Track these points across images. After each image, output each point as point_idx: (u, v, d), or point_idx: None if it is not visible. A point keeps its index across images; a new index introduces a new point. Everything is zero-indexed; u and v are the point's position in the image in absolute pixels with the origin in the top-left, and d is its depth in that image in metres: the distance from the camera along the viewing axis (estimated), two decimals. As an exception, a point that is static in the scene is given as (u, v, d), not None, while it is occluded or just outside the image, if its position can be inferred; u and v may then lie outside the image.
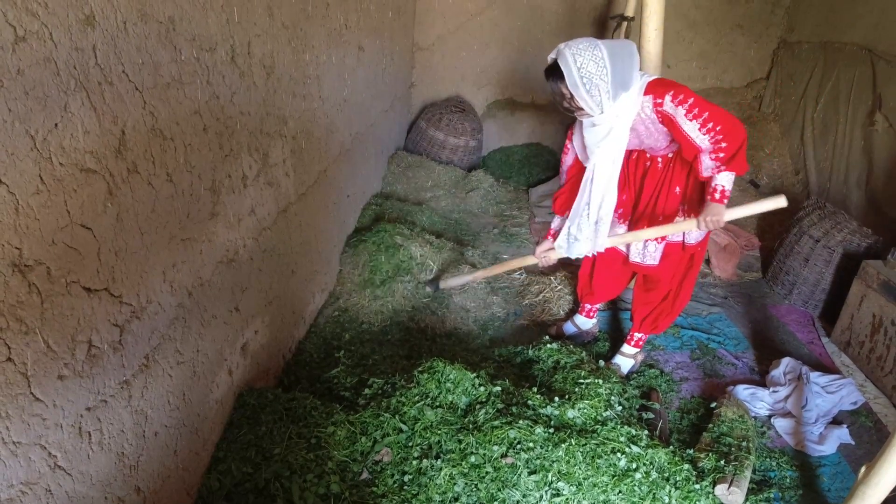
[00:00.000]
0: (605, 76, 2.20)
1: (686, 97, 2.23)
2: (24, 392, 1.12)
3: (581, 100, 2.26)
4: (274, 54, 2.14)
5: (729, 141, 2.26)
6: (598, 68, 2.19)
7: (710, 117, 2.23)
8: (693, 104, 2.23)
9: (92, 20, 1.17)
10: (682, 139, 2.31)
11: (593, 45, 2.19)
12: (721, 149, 2.28)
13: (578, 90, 2.22)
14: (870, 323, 3.12)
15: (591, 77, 2.19)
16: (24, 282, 1.09)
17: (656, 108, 2.30)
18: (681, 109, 2.24)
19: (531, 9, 5.29)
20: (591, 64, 2.18)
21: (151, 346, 1.55)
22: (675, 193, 2.61)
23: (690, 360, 3.18)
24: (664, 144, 2.49)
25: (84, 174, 1.21)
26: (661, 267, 2.75)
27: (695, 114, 2.23)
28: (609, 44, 2.22)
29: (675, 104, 2.25)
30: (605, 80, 2.20)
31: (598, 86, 2.21)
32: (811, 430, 2.68)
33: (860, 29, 4.41)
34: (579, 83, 2.20)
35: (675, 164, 2.57)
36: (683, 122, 2.26)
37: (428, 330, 3.20)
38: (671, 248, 2.71)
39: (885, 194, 3.96)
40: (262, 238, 2.23)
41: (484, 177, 5.05)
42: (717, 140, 2.26)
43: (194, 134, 1.64)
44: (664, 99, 2.26)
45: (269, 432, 2.05)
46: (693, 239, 2.65)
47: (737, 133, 2.26)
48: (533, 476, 1.98)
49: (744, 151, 2.31)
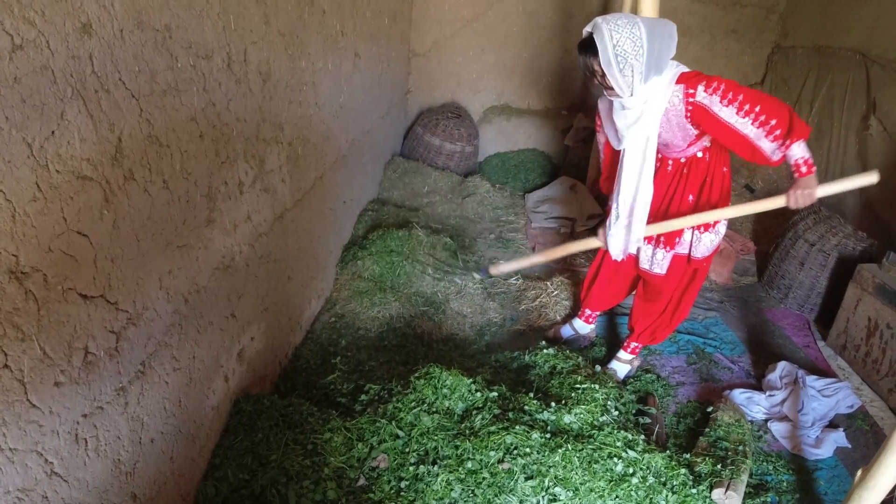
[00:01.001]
0: (641, 56, 2.09)
1: (719, 84, 2.14)
2: (20, 399, 1.12)
3: (612, 79, 2.15)
4: (270, 61, 2.15)
5: (776, 116, 2.14)
6: (634, 47, 2.08)
7: (745, 99, 2.12)
8: (727, 89, 2.13)
9: (88, 28, 1.18)
10: (726, 133, 2.20)
11: (632, 23, 2.09)
12: (773, 126, 2.15)
13: (611, 68, 2.12)
14: (865, 326, 3.13)
15: (626, 56, 2.09)
16: (20, 289, 1.09)
17: (687, 100, 2.20)
18: (716, 97, 2.14)
19: (527, 15, 5.30)
20: (627, 42, 2.07)
21: (147, 353, 1.55)
22: (687, 201, 2.54)
23: (687, 365, 3.19)
24: (682, 144, 2.40)
25: (80, 181, 1.21)
26: (666, 277, 2.71)
27: (730, 98, 2.13)
28: (649, 22, 2.12)
29: (708, 93, 2.15)
30: (640, 60, 2.10)
31: (632, 66, 2.11)
32: (808, 434, 2.68)
33: (854, 33, 4.44)
34: (613, 61, 2.10)
35: (689, 170, 2.50)
36: (720, 109, 2.15)
37: (424, 336, 3.20)
38: (677, 260, 2.66)
39: (879, 198, 3.98)
40: (259, 244, 2.24)
41: (480, 182, 5.05)
42: (762, 122, 2.14)
43: (190, 141, 1.65)
44: (696, 89, 2.17)
45: (265, 439, 2.05)
46: (700, 253, 2.60)
47: (779, 107, 2.15)
48: (530, 481, 1.98)
49: (797, 118, 2.16)
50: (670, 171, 2.55)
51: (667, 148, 2.48)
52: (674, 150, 2.46)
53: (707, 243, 2.57)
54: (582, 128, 5.32)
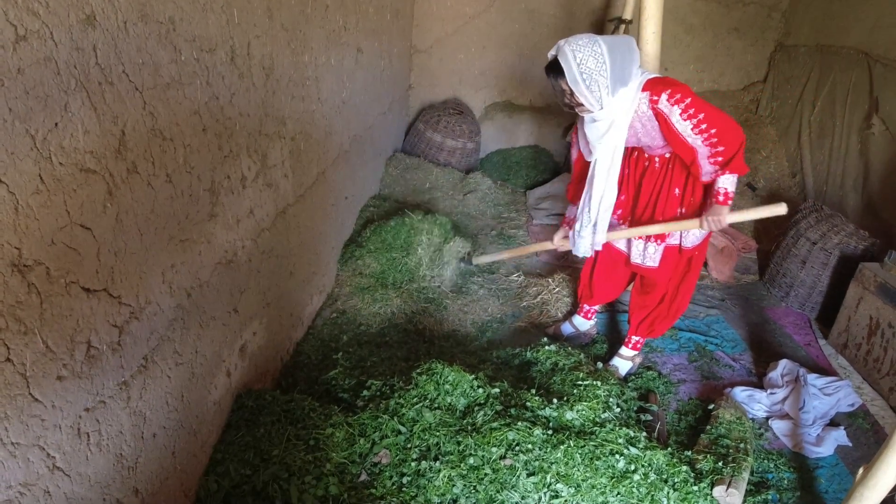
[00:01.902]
0: (605, 72, 2.21)
1: (683, 97, 2.23)
2: (22, 393, 1.12)
3: (581, 96, 2.27)
4: (273, 56, 2.14)
5: (726, 144, 2.27)
6: (597, 64, 2.20)
7: (705, 118, 2.23)
8: (689, 104, 2.23)
9: (92, 20, 1.17)
10: (675, 140, 2.33)
11: (592, 41, 2.21)
12: (718, 152, 2.29)
13: (578, 86, 2.24)
14: (867, 325, 3.13)
15: (590, 73, 2.21)
16: (23, 282, 1.08)
17: (652, 105, 2.30)
18: (676, 109, 2.25)
19: (528, 12, 5.29)
20: (590, 60, 2.19)
21: (150, 347, 1.55)
22: (674, 195, 2.61)
23: (688, 363, 3.18)
24: (661, 143, 2.49)
25: (84, 174, 1.20)
26: (660, 269, 2.75)
27: (690, 114, 2.24)
28: (608, 39, 2.24)
29: (670, 103, 2.25)
30: (604, 75, 2.21)
31: (597, 81, 2.22)
32: (808, 432, 2.68)
33: (857, 32, 4.43)
34: (579, 79, 2.22)
35: (674, 165, 2.57)
36: (678, 121, 2.26)
37: (426, 332, 3.20)
38: (669, 251, 2.71)
39: (881, 197, 3.98)
40: (261, 239, 2.23)
41: (482, 179, 5.05)
42: (712, 143, 2.27)
43: (194, 135, 1.64)
44: (660, 97, 2.27)
45: (267, 434, 2.04)
46: (690, 242, 2.65)
47: (733, 135, 2.27)
48: (531, 478, 1.98)
49: (742, 154, 2.31)
50: (658, 167, 2.62)
51: (650, 148, 2.57)
52: (657, 148, 2.54)
53: (696, 233, 2.63)
54: (583, 125, 5.30)
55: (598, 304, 3.22)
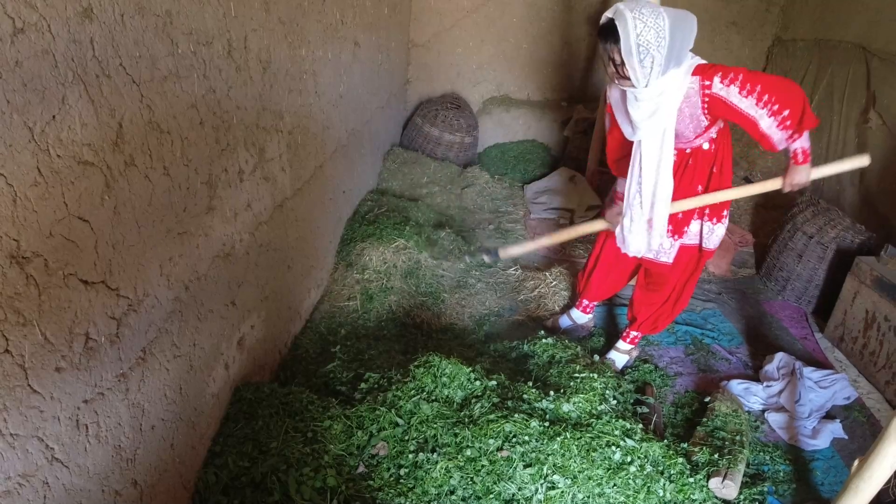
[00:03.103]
0: (663, 48, 2.06)
1: (736, 75, 2.13)
2: (21, 384, 1.12)
3: (631, 69, 2.11)
4: (270, 49, 2.14)
5: (790, 106, 2.14)
6: (657, 38, 2.04)
7: (763, 89, 2.11)
8: (744, 80, 2.12)
9: (90, 13, 1.17)
10: (741, 119, 2.20)
11: (656, 13, 2.04)
12: (785, 117, 2.16)
13: (632, 58, 2.07)
14: (863, 319, 3.15)
15: (647, 46, 2.05)
16: (21, 274, 1.09)
17: (703, 91, 2.19)
18: (733, 88, 2.13)
19: (527, 6, 5.29)
20: (651, 32, 2.03)
21: (148, 340, 1.55)
22: (696, 192, 2.53)
23: (685, 356, 3.20)
24: (690, 136, 2.39)
25: (82, 166, 1.21)
26: (673, 266, 2.70)
27: (748, 90, 2.12)
28: (672, 12, 2.08)
29: (725, 84, 2.14)
30: (661, 52, 2.06)
31: (653, 57, 2.07)
32: (804, 425, 2.70)
33: (855, 27, 4.43)
34: (634, 51, 2.06)
35: (695, 161, 2.49)
36: (739, 100, 2.14)
37: (424, 325, 3.21)
38: (685, 250, 2.67)
39: (878, 191, 3.98)
40: (259, 233, 2.24)
41: (479, 173, 5.05)
42: (775, 111, 2.14)
43: (191, 128, 1.64)
44: (713, 81, 2.15)
45: (265, 426, 2.05)
46: (712, 244, 2.61)
47: (794, 97, 2.15)
48: (528, 469, 1.99)
49: (808, 108, 2.17)
50: (675, 161, 2.51)
51: (677, 138, 2.43)
52: (681, 140, 2.44)
53: (719, 234, 2.61)
54: (581, 119, 5.31)
55: (597, 300, 3.20)
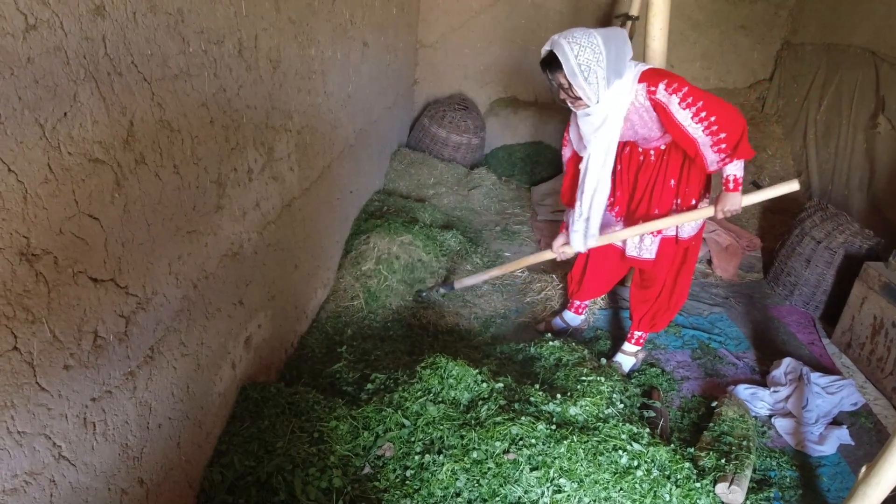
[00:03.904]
0: (602, 62, 2.19)
1: (680, 86, 2.21)
2: (29, 381, 1.12)
3: (579, 88, 2.24)
4: (280, 49, 2.14)
5: (728, 130, 2.23)
6: (594, 55, 2.18)
7: (704, 106, 2.21)
8: (687, 93, 2.21)
9: (102, 10, 1.17)
10: (677, 131, 2.30)
11: (587, 33, 2.19)
12: (721, 139, 2.26)
13: (577, 78, 2.21)
14: (870, 325, 3.13)
15: (588, 64, 2.19)
16: (31, 271, 1.09)
17: (650, 96, 2.28)
18: (675, 98, 2.22)
19: (535, 7, 5.28)
20: (587, 51, 2.17)
21: (156, 338, 1.55)
22: (669, 186, 2.60)
23: (691, 360, 3.18)
24: (658, 134, 2.46)
25: (92, 164, 1.21)
26: (657, 261, 2.74)
27: (689, 102, 2.21)
28: (602, 31, 2.22)
29: (668, 92, 2.23)
30: (601, 66, 2.19)
31: (595, 72, 2.20)
32: (811, 431, 2.68)
33: (864, 31, 4.41)
34: (577, 71, 2.19)
35: (668, 156, 2.55)
36: (677, 111, 2.24)
37: (430, 326, 3.20)
38: (665, 243, 2.70)
39: (886, 196, 3.96)
40: (267, 232, 2.23)
41: (486, 174, 5.05)
42: (713, 131, 2.24)
43: (201, 126, 1.64)
44: (658, 87, 2.24)
45: (271, 426, 2.05)
46: (686, 233, 2.65)
47: (734, 121, 2.24)
48: (534, 472, 1.98)
49: (746, 138, 2.27)
50: (653, 160, 2.60)
51: (646, 141, 2.54)
52: (652, 140, 2.52)
53: (692, 223, 2.63)
54: (589, 121, 5.29)
55: (587, 299, 3.20)
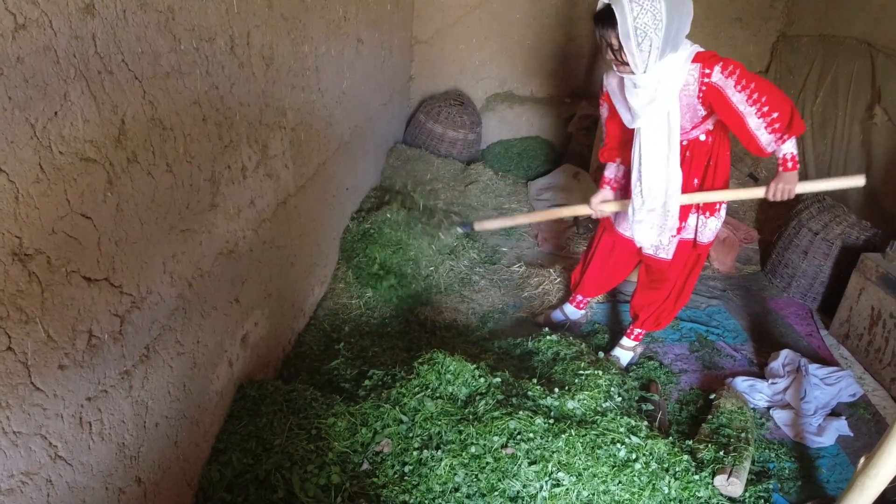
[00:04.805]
0: (660, 31, 2.06)
1: (735, 68, 2.15)
2: (24, 382, 1.12)
3: (629, 53, 2.11)
4: (273, 45, 2.13)
5: (779, 109, 2.18)
6: (654, 20, 2.04)
7: (756, 88, 2.15)
8: (741, 75, 2.15)
9: (91, 8, 1.17)
10: (730, 115, 2.22)
11: None
12: (773, 119, 2.19)
13: (629, 42, 2.08)
14: (868, 315, 3.13)
15: (645, 29, 2.05)
16: (24, 271, 1.08)
17: (702, 79, 2.20)
18: (730, 80, 2.16)
19: (530, 2, 5.27)
20: (647, 14, 2.03)
21: (152, 337, 1.55)
22: (692, 185, 2.52)
23: (689, 353, 3.19)
24: (686, 126, 2.39)
25: (84, 163, 1.20)
26: (672, 262, 2.70)
27: (743, 85, 2.15)
28: None
29: (724, 75, 2.16)
30: (658, 34, 2.06)
31: (650, 40, 2.07)
32: (810, 422, 2.68)
33: (860, 23, 4.40)
34: (632, 34, 2.06)
35: (692, 154, 2.48)
36: (733, 93, 2.17)
37: (427, 322, 3.20)
38: (683, 245, 2.66)
39: (883, 188, 3.96)
40: (262, 230, 2.23)
41: (483, 170, 5.04)
42: (764, 112, 2.18)
43: (194, 124, 1.64)
44: (713, 69, 2.17)
45: (269, 424, 2.05)
46: (706, 238, 2.61)
47: (783, 100, 2.19)
48: (533, 466, 1.98)
49: (797, 114, 2.21)
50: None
51: None
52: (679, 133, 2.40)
53: (712, 228, 2.59)
54: (585, 115, 5.29)
55: (591, 295, 3.18)
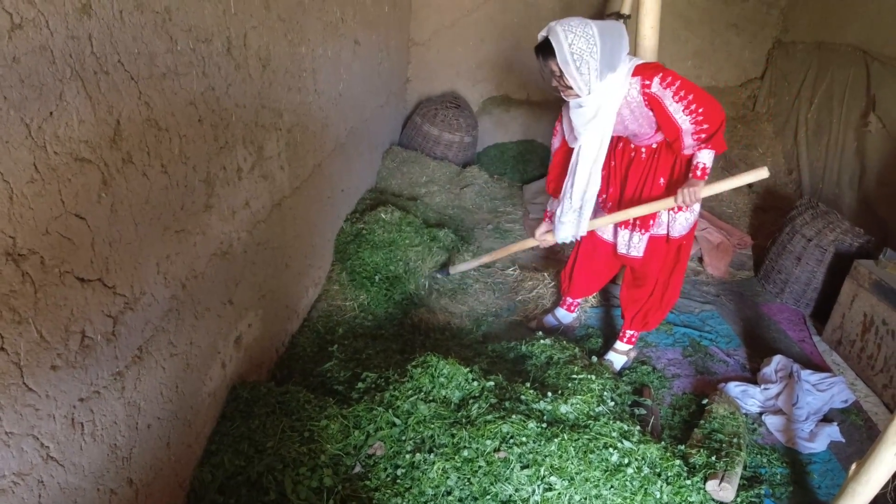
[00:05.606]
0: (595, 54, 2.22)
1: (674, 80, 2.28)
2: (16, 382, 1.11)
3: (570, 78, 2.28)
4: (270, 47, 2.13)
5: (710, 122, 2.33)
6: (588, 46, 2.21)
7: (693, 99, 2.29)
8: (680, 86, 2.28)
9: (88, 9, 1.17)
10: (665, 120, 2.36)
11: (584, 24, 2.22)
12: (702, 129, 2.35)
13: (569, 67, 2.24)
14: (861, 322, 3.14)
15: (581, 54, 2.22)
16: (17, 271, 1.08)
17: (644, 90, 2.32)
18: (668, 91, 2.29)
19: (526, 5, 5.28)
20: (581, 41, 2.20)
21: (145, 338, 1.54)
22: (659, 184, 2.64)
23: (682, 357, 3.19)
24: (649, 131, 2.51)
25: (79, 163, 1.20)
26: (647, 260, 2.77)
27: (681, 96, 2.29)
28: (599, 23, 2.26)
29: (663, 86, 2.29)
30: (594, 57, 2.22)
31: (587, 63, 2.23)
32: (802, 428, 2.69)
33: (855, 30, 4.43)
34: (570, 60, 2.22)
35: (659, 154, 2.59)
36: (670, 103, 2.31)
37: (421, 325, 3.20)
38: (655, 241, 2.73)
39: (877, 195, 3.99)
40: (257, 231, 2.23)
41: (478, 173, 5.05)
42: (698, 121, 2.32)
43: (189, 125, 1.63)
44: (653, 81, 2.30)
45: (262, 425, 2.04)
46: (678, 232, 2.67)
47: (716, 114, 2.34)
48: (525, 470, 1.98)
49: (722, 131, 2.39)
50: (644, 158, 2.64)
51: (637, 137, 2.59)
52: (643, 137, 2.57)
53: (683, 222, 2.65)
54: (581, 120, 5.30)
55: (579, 296, 3.22)
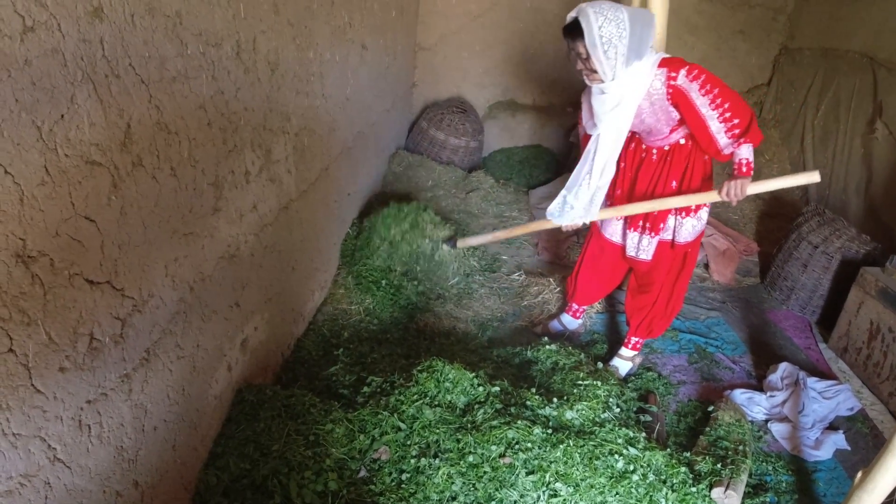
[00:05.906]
0: (624, 39, 2.18)
1: (700, 73, 2.26)
2: (24, 384, 1.12)
3: (597, 61, 2.24)
4: (279, 51, 2.14)
5: (739, 116, 2.29)
6: (618, 30, 2.17)
7: (720, 93, 2.27)
8: (706, 80, 2.26)
9: (100, 12, 1.17)
10: (693, 117, 2.32)
11: (616, 7, 2.18)
12: (734, 125, 2.31)
13: (596, 51, 2.20)
14: (867, 329, 3.13)
15: (610, 38, 2.18)
16: (27, 273, 1.09)
17: (669, 83, 2.30)
18: (695, 84, 2.26)
19: (533, 11, 5.29)
20: (612, 25, 2.16)
21: (152, 341, 1.55)
22: (671, 187, 2.61)
23: (688, 364, 3.18)
24: (665, 130, 2.48)
25: (89, 166, 1.21)
26: (654, 264, 2.75)
27: (707, 89, 2.26)
28: (630, 9, 2.22)
29: (689, 79, 2.27)
30: (623, 42, 2.19)
31: (615, 47, 2.19)
32: (807, 436, 2.68)
33: (861, 37, 4.42)
34: (598, 43, 2.18)
35: (672, 158, 2.56)
36: (696, 97, 2.28)
37: (426, 329, 3.20)
38: (661, 246, 2.71)
39: (884, 202, 3.97)
40: (264, 234, 2.23)
41: (484, 178, 5.05)
42: (726, 118, 2.29)
43: (199, 129, 1.64)
44: (679, 73, 2.27)
45: (267, 429, 2.05)
46: (683, 238, 2.66)
47: (744, 107, 2.31)
48: (531, 476, 1.98)
49: (756, 122, 2.33)
50: (655, 160, 2.62)
51: (650, 135, 2.55)
52: (657, 136, 2.53)
53: (689, 228, 2.64)
54: (587, 125, 5.30)
55: (585, 303, 3.21)
